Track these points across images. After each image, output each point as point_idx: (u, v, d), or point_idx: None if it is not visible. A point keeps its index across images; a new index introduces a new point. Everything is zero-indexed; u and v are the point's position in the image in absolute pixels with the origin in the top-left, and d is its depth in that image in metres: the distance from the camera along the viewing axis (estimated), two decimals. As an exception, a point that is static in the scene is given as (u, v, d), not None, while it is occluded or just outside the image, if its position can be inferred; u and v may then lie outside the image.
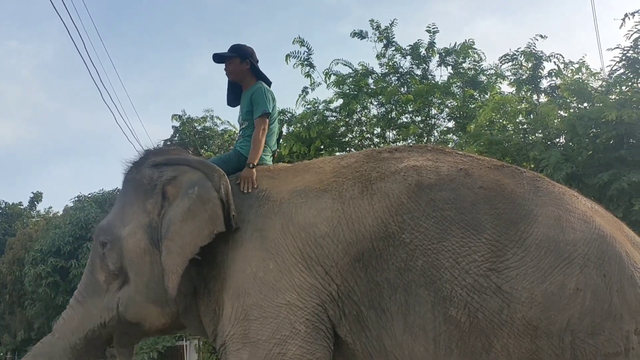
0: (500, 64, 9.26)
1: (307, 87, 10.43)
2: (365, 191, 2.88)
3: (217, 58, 3.74)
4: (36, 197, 35.66)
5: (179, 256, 3.02)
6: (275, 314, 2.80)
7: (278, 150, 3.88)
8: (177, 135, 23.21)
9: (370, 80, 10.25)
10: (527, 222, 2.66)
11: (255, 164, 3.34)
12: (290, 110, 10.45)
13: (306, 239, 2.87)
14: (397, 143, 10.01)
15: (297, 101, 10.47)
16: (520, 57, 8.77)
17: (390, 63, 10.11)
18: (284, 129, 10.46)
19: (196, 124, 23.31)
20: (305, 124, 9.91)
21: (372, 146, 10.78)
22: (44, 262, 21.45)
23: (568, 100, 7.77)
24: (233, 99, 3.86)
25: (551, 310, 2.53)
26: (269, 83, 3.77)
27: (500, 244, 2.63)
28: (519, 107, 7.86)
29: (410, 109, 9.84)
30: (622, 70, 7.08)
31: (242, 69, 3.69)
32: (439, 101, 9.63)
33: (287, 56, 10.23)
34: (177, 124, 23.17)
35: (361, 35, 10.31)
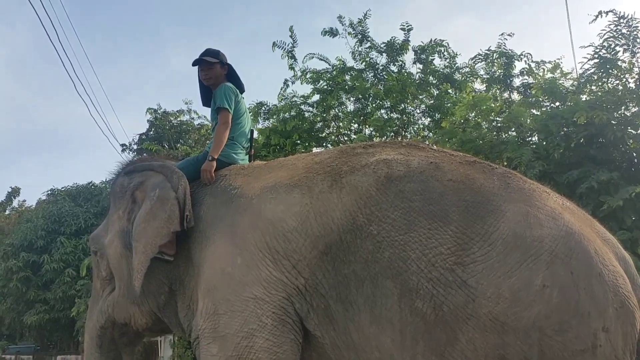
0: (473, 63, 9.33)
1: (287, 80, 10.43)
2: (334, 185, 2.90)
3: (201, 63, 3.72)
4: (14, 192, 35.04)
5: (143, 255, 3.15)
6: (243, 307, 2.84)
7: (252, 147, 3.88)
8: (153, 129, 22.99)
9: (347, 77, 10.27)
10: (495, 216, 2.65)
11: (216, 157, 3.42)
12: (267, 103, 10.43)
13: (274, 233, 2.89)
14: (374, 139, 10.06)
15: (278, 94, 10.47)
16: (492, 55, 8.86)
17: (366, 59, 10.13)
18: (261, 122, 10.45)
19: (172, 118, 23.10)
20: (281, 117, 9.91)
21: (348, 142, 10.83)
22: (16, 257, 21.09)
23: (540, 99, 7.88)
24: (207, 100, 3.88)
25: (518, 306, 2.52)
26: (241, 88, 3.81)
27: (466, 237, 2.62)
28: (492, 105, 7.94)
29: (386, 105, 9.88)
30: (592, 70, 7.19)
31: (221, 74, 3.75)
32: (413, 97, 9.68)
33: (274, 44, 10.20)
34: (152, 117, 22.97)
35: (332, 32, 10.30)
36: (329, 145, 10.84)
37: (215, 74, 3.73)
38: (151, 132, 23.25)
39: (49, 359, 24.34)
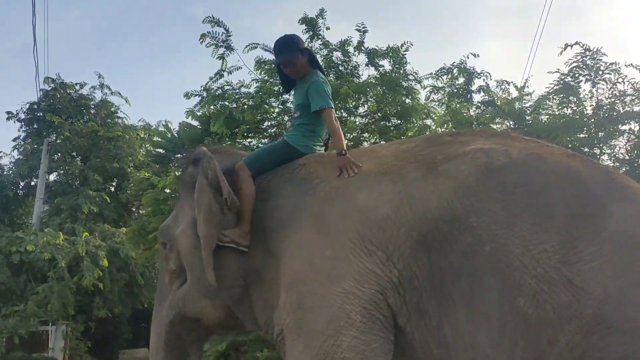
0: (436, 76, 9.58)
1: (222, 71, 9.92)
2: (429, 173, 2.77)
3: (282, 63, 3.47)
4: None
5: (204, 249, 3.04)
6: (331, 302, 2.67)
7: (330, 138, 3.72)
8: (46, 99, 21.24)
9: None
10: (602, 215, 2.53)
11: (345, 150, 3.18)
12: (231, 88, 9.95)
13: (367, 222, 2.74)
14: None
15: (207, 83, 9.95)
16: (454, 71, 9.23)
17: (328, 57, 10.06)
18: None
19: (71, 90, 21.53)
20: (237, 105, 9.59)
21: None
22: None
23: (496, 117, 8.32)
24: (288, 85, 3.66)
25: (626, 308, 2.39)
26: (320, 68, 3.60)
27: (572, 236, 2.49)
28: (468, 116, 8.26)
29: (348, 106, 9.84)
30: (551, 95, 7.73)
31: (305, 63, 3.48)
32: (373, 99, 9.73)
33: (203, 35, 9.74)
34: (48, 87, 21.26)
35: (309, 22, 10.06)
36: (267, 138, 10.65)
37: (300, 66, 3.44)
38: (43, 103, 21.43)
39: None
